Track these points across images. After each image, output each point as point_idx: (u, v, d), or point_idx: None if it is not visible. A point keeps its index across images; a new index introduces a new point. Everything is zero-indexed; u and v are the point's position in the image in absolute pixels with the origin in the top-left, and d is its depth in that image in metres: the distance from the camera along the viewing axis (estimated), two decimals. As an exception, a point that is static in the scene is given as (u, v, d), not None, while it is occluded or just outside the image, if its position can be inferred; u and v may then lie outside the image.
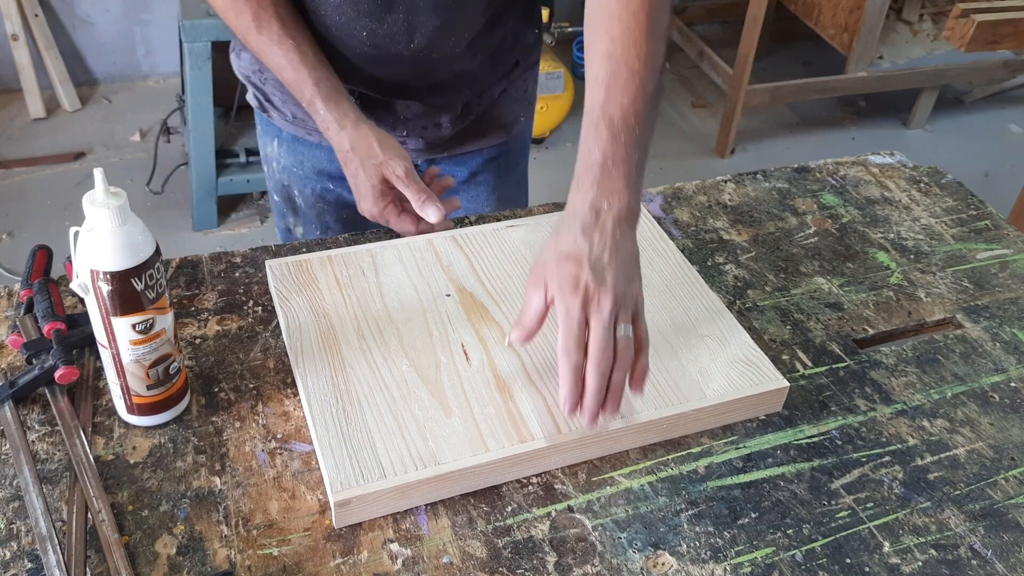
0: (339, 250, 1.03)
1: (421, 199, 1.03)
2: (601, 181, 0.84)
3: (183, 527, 0.77)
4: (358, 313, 0.95)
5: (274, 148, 1.27)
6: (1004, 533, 0.82)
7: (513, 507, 0.81)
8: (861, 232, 1.18)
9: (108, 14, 3.18)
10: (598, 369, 0.79)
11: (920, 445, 0.90)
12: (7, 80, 3.13)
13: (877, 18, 3.02)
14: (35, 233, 2.62)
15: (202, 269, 1.03)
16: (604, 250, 0.82)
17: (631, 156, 0.85)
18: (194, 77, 2.46)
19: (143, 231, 0.76)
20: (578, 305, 0.79)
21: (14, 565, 0.73)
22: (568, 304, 0.80)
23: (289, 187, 1.29)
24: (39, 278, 0.95)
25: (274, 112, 1.24)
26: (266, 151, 1.29)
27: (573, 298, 0.79)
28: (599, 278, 0.80)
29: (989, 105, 3.67)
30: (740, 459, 0.87)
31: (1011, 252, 1.17)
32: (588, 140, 0.85)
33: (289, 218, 1.33)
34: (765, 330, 1.02)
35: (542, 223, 1.10)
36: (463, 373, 0.89)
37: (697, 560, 0.78)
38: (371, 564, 0.75)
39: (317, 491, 0.80)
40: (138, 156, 2.98)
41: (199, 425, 0.85)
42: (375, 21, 1.06)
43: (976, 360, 1.01)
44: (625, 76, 0.85)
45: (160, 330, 0.80)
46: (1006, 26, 2.25)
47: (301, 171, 1.26)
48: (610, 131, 0.84)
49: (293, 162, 1.26)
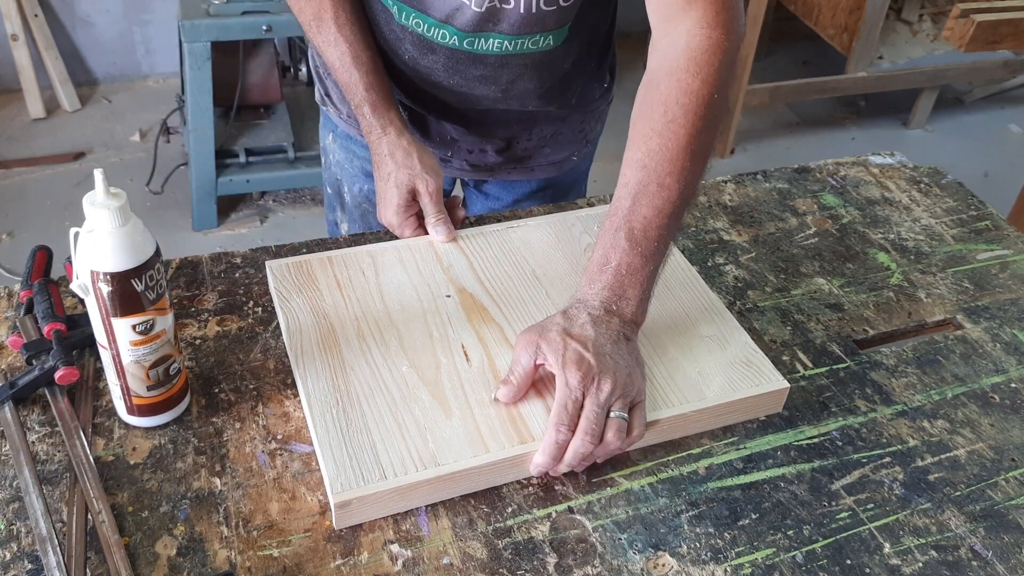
0: (339, 251, 1.03)
1: (437, 218, 1.05)
2: (613, 286, 0.85)
3: (183, 528, 0.76)
4: (358, 314, 0.95)
5: (330, 142, 1.29)
6: (1004, 534, 0.82)
7: (513, 508, 0.81)
8: (861, 233, 1.18)
9: (108, 14, 3.18)
10: (580, 449, 0.80)
11: (920, 446, 0.90)
12: (7, 80, 3.12)
13: (877, 18, 3.02)
14: (35, 233, 2.62)
15: (202, 270, 1.03)
16: (608, 342, 0.83)
17: (646, 267, 0.86)
18: (194, 77, 2.46)
19: (143, 232, 0.76)
20: (578, 380, 0.80)
21: (14, 566, 0.72)
22: (569, 378, 0.80)
23: (340, 182, 1.31)
24: (39, 278, 0.95)
25: (331, 108, 1.25)
26: (324, 143, 1.32)
27: (574, 373, 0.80)
28: (602, 362, 0.81)
29: (989, 105, 3.67)
30: (740, 460, 0.87)
31: (1011, 252, 1.17)
32: (605, 243, 0.86)
33: (337, 212, 1.35)
34: (765, 331, 1.02)
35: (542, 224, 1.10)
36: (463, 374, 0.89)
37: (697, 561, 0.78)
38: (371, 565, 0.75)
39: (317, 492, 0.80)
40: (138, 156, 2.98)
41: (199, 426, 0.85)
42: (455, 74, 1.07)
43: (976, 361, 1.01)
44: (654, 190, 0.85)
45: (160, 331, 0.80)
46: (1006, 26, 2.25)
47: (351, 168, 1.28)
48: (629, 241, 0.85)
49: (344, 158, 1.28)
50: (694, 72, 0.86)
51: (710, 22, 0.88)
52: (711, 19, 0.88)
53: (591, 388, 0.80)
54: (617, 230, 0.86)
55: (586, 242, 1.07)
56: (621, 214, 0.86)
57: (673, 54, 0.88)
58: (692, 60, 0.87)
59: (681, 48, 0.88)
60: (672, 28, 0.89)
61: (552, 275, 1.02)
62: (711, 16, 0.88)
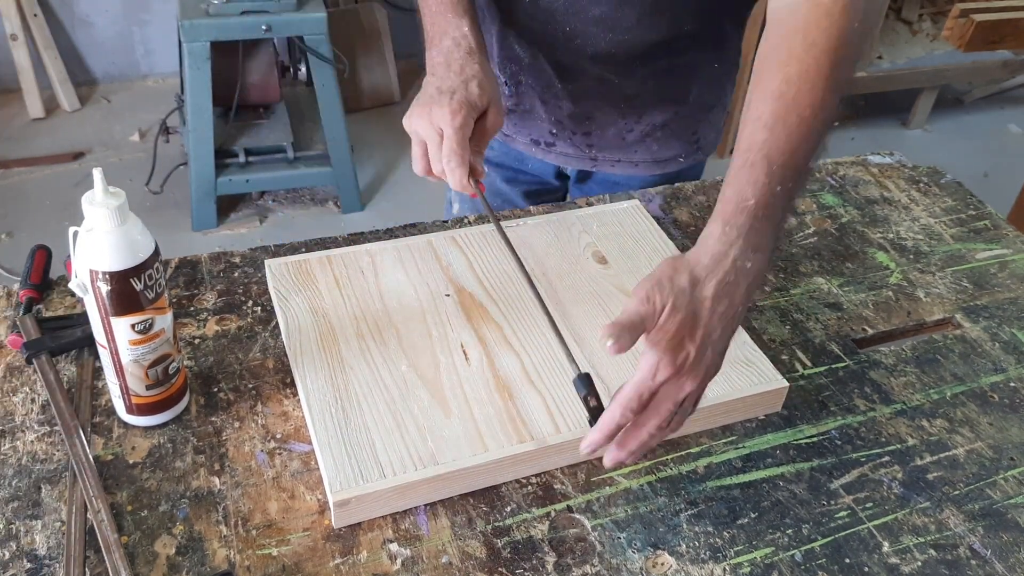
0: (338, 250, 1.03)
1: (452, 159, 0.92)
2: (749, 233, 0.75)
3: (182, 527, 0.76)
4: (357, 313, 0.95)
5: None
6: (1003, 533, 0.82)
7: (512, 507, 0.81)
8: (860, 232, 1.18)
9: (107, 14, 3.18)
10: (639, 439, 0.74)
11: (919, 445, 0.90)
12: (6, 80, 3.12)
13: (876, 18, 3.02)
14: (34, 233, 2.62)
15: (201, 269, 1.03)
16: (720, 325, 0.74)
17: (778, 210, 0.77)
18: (193, 77, 2.46)
19: (142, 231, 0.76)
20: (667, 373, 0.72)
21: (14, 565, 0.72)
22: (660, 366, 0.72)
23: None
24: (39, 278, 0.95)
25: None
26: None
27: (668, 364, 0.72)
28: (699, 358, 0.73)
29: (989, 105, 3.67)
30: (739, 459, 0.87)
31: (1010, 252, 1.17)
32: (742, 179, 0.76)
33: (451, 191, 1.35)
34: (764, 330, 1.02)
35: (542, 223, 1.10)
36: (462, 373, 0.89)
37: (696, 560, 0.78)
38: (370, 564, 0.75)
39: (316, 491, 0.80)
40: (137, 156, 2.98)
41: (198, 425, 0.85)
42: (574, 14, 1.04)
43: (975, 360, 1.01)
44: (794, 121, 0.77)
45: (159, 330, 0.80)
46: (1006, 26, 2.25)
47: None
48: (768, 176, 0.76)
49: None
50: None
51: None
52: None
53: (675, 383, 0.73)
54: (754, 165, 0.76)
55: (586, 241, 1.07)
56: (756, 147, 0.76)
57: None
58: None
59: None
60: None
61: (552, 274, 1.02)
62: None
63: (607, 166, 1.25)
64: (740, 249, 0.75)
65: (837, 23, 0.79)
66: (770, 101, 0.78)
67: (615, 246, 1.07)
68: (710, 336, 0.73)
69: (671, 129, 1.21)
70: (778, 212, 0.77)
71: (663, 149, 1.23)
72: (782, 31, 0.81)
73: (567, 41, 1.09)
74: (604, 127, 1.21)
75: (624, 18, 1.06)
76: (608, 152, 1.24)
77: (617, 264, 1.04)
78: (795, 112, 0.77)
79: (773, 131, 0.77)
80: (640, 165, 1.24)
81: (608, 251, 1.06)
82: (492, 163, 1.31)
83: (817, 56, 0.78)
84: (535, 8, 1.08)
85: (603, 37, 1.08)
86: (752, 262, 0.75)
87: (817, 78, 0.78)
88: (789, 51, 0.79)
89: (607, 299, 0.99)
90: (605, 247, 1.06)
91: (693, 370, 0.73)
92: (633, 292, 0.73)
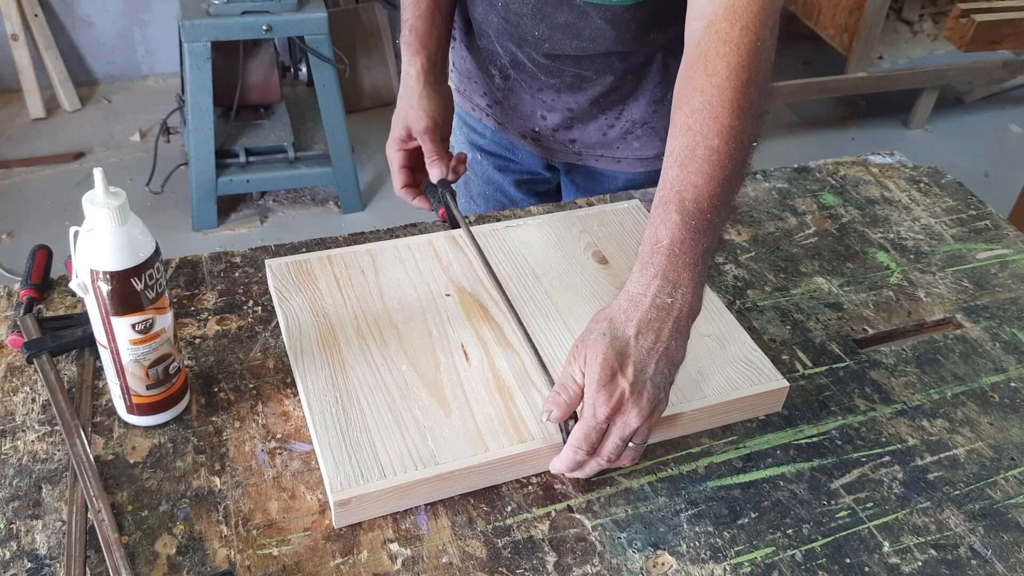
0: (339, 250, 1.03)
1: (430, 158, 1.09)
2: (667, 271, 0.77)
3: (183, 527, 0.76)
4: (358, 313, 0.95)
5: None
6: (1004, 533, 0.82)
7: (513, 507, 0.81)
8: (861, 232, 1.18)
9: (108, 14, 3.18)
10: (594, 468, 0.80)
11: (920, 445, 0.90)
12: (7, 80, 3.12)
13: (877, 18, 3.02)
14: (35, 233, 2.62)
15: (202, 269, 1.03)
16: (651, 359, 0.77)
17: (699, 244, 0.78)
18: (194, 77, 2.46)
19: (143, 231, 0.76)
20: (605, 411, 0.76)
21: (14, 565, 0.73)
22: (598, 409, 0.76)
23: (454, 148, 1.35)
24: (39, 278, 0.95)
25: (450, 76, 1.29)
26: None
27: (604, 404, 0.76)
28: (636, 392, 0.76)
29: (989, 105, 3.66)
30: (740, 459, 0.87)
31: (1011, 252, 1.17)
32: (656, 220, 0.79)
33: None
34: (765, 330, 1.02)
35: (542, 223, 1.10)
36: (463, 373, 0.89)
37: (697, 560, 0.78)
38: (371, 564, 0.75)
39: (317, 491, 0.80)
40: (138, 156, 2.98)
41: (199, 425, 0.85)
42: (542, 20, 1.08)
43: (976, 360, 1.01)
44: (702, 154, 0.78)
45: (160, 330, 0.80)
46: (1006, 26, 2.25)
47: (461, 134, 1.34)
48: (680, 214, 0.77)
49: (456, 124, 1.32)
50: (732, 20, 0.79)
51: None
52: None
53: (618, 420, 0.77)
54: (667, 203, 0.78)
55: (586, 241, 1.07)
56: (669, 185, 0.78)
57: (711, 6, 0.82)
58: (730, 8, 0.80)
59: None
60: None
61: (552, 274, 1.02)
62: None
63: (591, 160, 1.27)
64: (658, 287, 0.78)
65: (736, 47, 0.79)
66: (679, 135, 0.79)
67: (615, 246, 1.07)
68: (643, 371, 0.77)
69: (651, 127, 1.22)
70: (698, 246, 0.78)
71: (644, 147, 1.24)
72: (688, 61, 0.82)
73: (539, 43, 1.12)
74: (586, 122, 1.22)
75: (589, 26, 1.07)
76: (591, 148, 1.25)
77: (617, 264, 1.04)
78: (703, 144, 0.78)
79: (684, 166, 0.78)
80: (623, 162, 1.26)
81: (608, 251, 1.06)
82: (484, 151, 1.34)
83: (719, 84, 0.78)
84: (507, 12, 1.10)
85: (570, 44, 1.10)
86: (673, 298, 0.78)
87: (720, 107, 0.78)
88: (692, 82, 0.80)
89: (607, 299, 0.99)
90: (605, 247, 1.06)
91: (634, 406, 0.76)
92: None
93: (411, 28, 1.11)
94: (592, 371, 0.77)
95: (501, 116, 1.28)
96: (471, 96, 1.29)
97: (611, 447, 0.78)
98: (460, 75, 1.28)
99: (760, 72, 0.80)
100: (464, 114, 1.32)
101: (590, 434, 0.77)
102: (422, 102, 1.10)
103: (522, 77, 1.20)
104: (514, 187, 1.37)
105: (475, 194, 1.39)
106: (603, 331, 0.78)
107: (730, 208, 0.81)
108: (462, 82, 1.29)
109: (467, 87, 1.28)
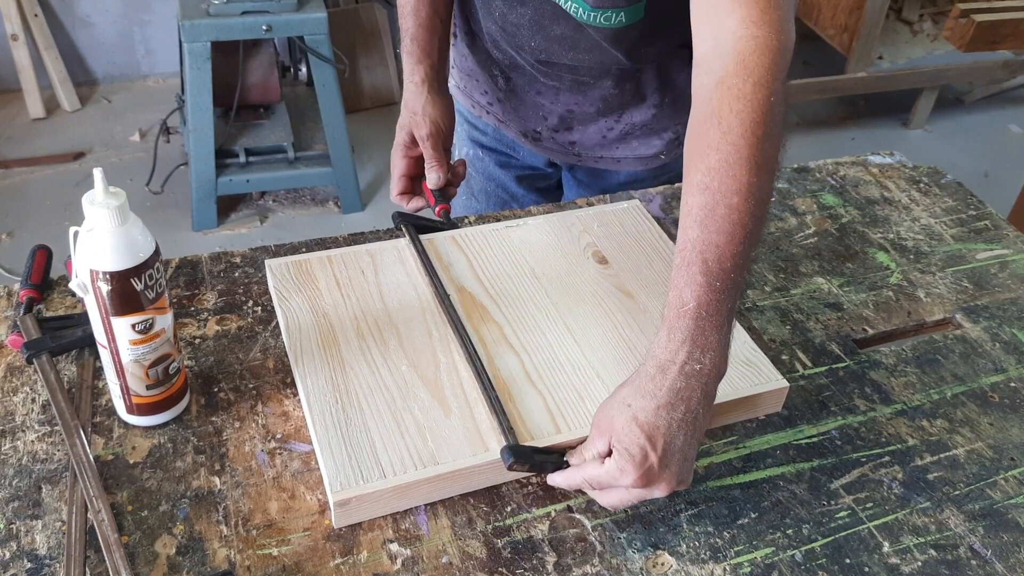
0: (339, 250, 1.03)
1: (429, 164, 1.10)
2: (695, 335, 0.76)
3: (183, 527, 0.77)
4: (358, 313, 0.95)
5: None
6: (1004, 533, 0.82)
7: (513, 507, 0.81)
8: (861, 232, 1.18)
9: (108, 14, 3.18)
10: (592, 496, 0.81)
11: (920, 445, 0.90)
12: (7, 80, 3.12)
13: (877, 18, 3.02)
14: (35, 233, 2.62)
15: (202, 269, 1.03)
16: (680, 430, 0.75)
17: (725, 304, 0.76)
18: (194, 77, 2.46)
19: (143, 231, 0.76)
20: (631, 481, 0.75)
21: (14, 565, 0.73)
22: (624, 473, 0.75)
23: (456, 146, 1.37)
24: (39, 278, 0.95)
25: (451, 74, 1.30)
26: None
27: (631, 472, 0.74)
28: (664, 465, 0.75)
29: (989, 105, 3.66)
30: (740, 459, 0.87)
31: (1011, 252, 1.17)
32: (680, 283, 0.77)
33: None
34: (765, 330, 1.02)
35: (542, 223, 1.10)
36: (463, 373, 0.89)
37: (697, 560, 0.78)
38: (371, 564, 0.75)
39: (317, 491, 0.80)
40: (138, 156, 2.98)
41: (199, 425, 0.85)
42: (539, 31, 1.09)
43: (976, 360, 1.01)
44: (722, 213, 0.76)
45: (160, 330, 0.80)
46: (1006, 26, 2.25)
47: (462, 131, 1.36)
48: (705, 276, 0.75)
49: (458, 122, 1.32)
50: (744, 76, 0.78)
51: (755, 20, 0.79)
52: (756, 17, 0.79)
53: (645, 491, 0.76)
54: (690, 265, 0.76)
55: (586, 241, 1.07)
56: (691, 246, 0.77)
57: (720, 61, 0.80)
58: (741, 64, 0.78)
59: (728, 52, 0.80)
60: (716, 30, 0.82)
61: (552, 274, 1.02)
62: (756, 14, 0.79)
63: (590, 162, 1.28)
64: (687, 353, 0.76)
65: (750, 103, 0.77)
66: (697, 194, 0.77)
67: (615, 246, 1.07)
68: (672, 443, 0.75)
69: (651, 128, 1.22)
70: (724, 307, 0.76)
71: (643, 146, 1.25)
72: (699, 117, 0.81)
73: (536, 52, 1.13)
74: (586, 125, 1.22)
75: (584, 39, 1.07)
76: (590, 150, 1.26)
77: (617, 264, 1.04)
78: (723, 203, 0.76)
79: (704, 226, 0.76)
80: (623, 161, 1.26)
81: (608, 251, 1.06)
82: (485, 147, 1.35)
83: (734, 141, 0.77)
84: (504, 21, 1.11)
85: (566, 55, 1.10)
86: (702, 364, 0.76)
87: (738, 164, 0.76)
88: (706, 139, 0.78)
89: (607, 299, 0.99)
90: (605, 247, 1.06)
91: (662, 480, 0.75)
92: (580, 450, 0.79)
93: (412, 38, 1.13)
94: (620, 448, 0.75)
95: (502, 114, 1.28)
96: (472, 94, 1.29)
97: (623, 503, 0.78)
98: (461, 73, 1.29)
99: (775, 127, 0.78)
100: (465, 111, 1.33)
101: (608, 484, 0.77)
102: (427, 108, 1.12)
103: (522, 79, 1.21)
104: (515, 183, 1.37)
105: (476, 191, 1.39)
106: (630, 403, 0.76)
107: (750, 264, 0.80)
108: (463, 80, 1.29)
109: (468, 85, 1.28)
